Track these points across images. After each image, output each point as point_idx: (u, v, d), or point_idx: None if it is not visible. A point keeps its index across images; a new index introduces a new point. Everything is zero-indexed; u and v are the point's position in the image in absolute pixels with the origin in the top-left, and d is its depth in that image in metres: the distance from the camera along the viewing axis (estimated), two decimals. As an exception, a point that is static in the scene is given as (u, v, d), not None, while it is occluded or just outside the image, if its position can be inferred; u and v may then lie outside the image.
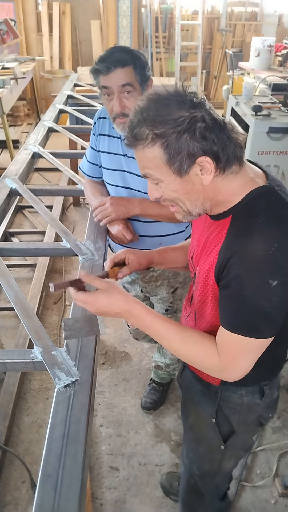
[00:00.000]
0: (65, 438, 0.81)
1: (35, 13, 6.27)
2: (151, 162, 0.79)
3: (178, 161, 0.76)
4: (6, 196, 1.75)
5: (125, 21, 6.23)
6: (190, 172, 0.78)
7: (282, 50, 5.13)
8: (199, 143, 0.75)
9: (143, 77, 1.31)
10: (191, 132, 0.75)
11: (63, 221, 3.58)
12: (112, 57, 1.26)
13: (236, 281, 0.78)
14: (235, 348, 0.84)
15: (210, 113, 0.77)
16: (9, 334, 2.42)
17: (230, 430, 1.09)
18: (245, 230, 0.78)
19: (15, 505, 1.63)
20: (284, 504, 1.67)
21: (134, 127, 0.78)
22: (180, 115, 0.75)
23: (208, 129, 0.75)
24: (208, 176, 0.78)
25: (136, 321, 0.92)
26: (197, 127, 0.75)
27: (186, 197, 0.83)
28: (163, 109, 0.76)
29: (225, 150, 0.78)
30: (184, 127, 0.74)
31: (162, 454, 1.85)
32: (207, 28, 6.82)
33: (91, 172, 1.60)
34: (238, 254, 0.78)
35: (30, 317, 1.12)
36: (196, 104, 0.76)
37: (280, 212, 0.79)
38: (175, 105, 0.76)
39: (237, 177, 0.82)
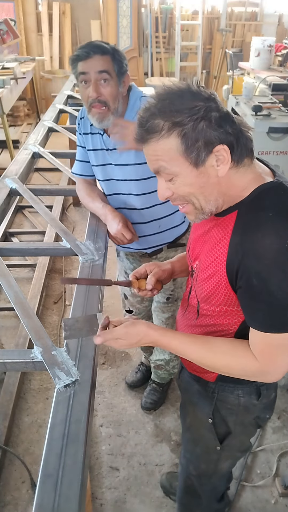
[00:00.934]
0: (65, 438, 0.81)
1: (35, 13, 6.27)
2: (166, 154, 0.77)
3: (196, 150, 0.75)
4: (6, 196, 1.75)
5: (125, 21, 6.23)
6: (207, 162, 0.77)
7: (282, 50, 5.12)
8: (216, 131, 0.75)
9: (121, 68, 1.33)
10: (208, 120, 0.74)
11: (63, 221, 3.58)
12: (92, 44, 1.30)
13: (258, 279, 0.76)
14: (272, 348, 0.81)
15: (222, 106, 0.77)
16: (9, 334, 2.42)
17: (226, 430, 1.08)
18: (256, 225, 0.76)
19: (15, 505, 1.63)
20: (284, 504, 1.67)
21: (147, 121, 0.77)
22: (195, 104, 0.74)
23: (222, 119, 0.75)
24: (224, 166, 0.77)
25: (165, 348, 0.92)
26: (213, 116, 0.75)
27: (201, 191, 0.81)
28: (177, 100, 0.75)
29: (239, 141, 0.78)
30: (200, 115, 0.74)
31: (162, 454, 1.85)
32: (207, 28, 6.82)
33: (82, 171, 1.62)
34: (253, 251, 0.76)
35: (30, 317, 1.12)
36: (208, 96, 0.76)
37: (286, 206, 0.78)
38: (189, 96, 0.75)
39: (248, 170, 0.82)
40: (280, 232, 0.74)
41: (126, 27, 6.26)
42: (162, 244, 1.66)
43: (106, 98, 1.32)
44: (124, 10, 6.16)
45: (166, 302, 1.76)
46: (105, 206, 1.52)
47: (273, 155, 3.10)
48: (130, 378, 2.17)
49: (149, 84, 5.98)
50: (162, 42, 6.68)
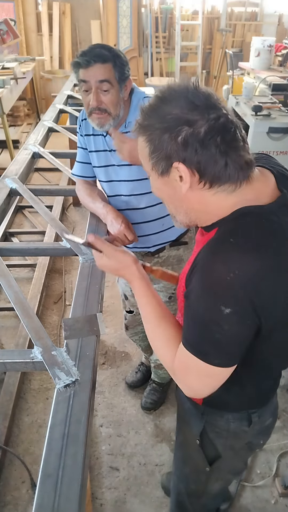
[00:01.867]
0: (65, 438, 0.81)
1: (35, 13, 6.27)
2: (141, 153, 0.77)
3: (156, 158, 0.73)
4: (6, 196, 1.75)
5: (125, 21, 6.23)
6: (170, 175, 0.73)
7: (282, 50, 5.12)
8: (178, 148, 0.70)
9: (122, 75, 1.32)
10: (174, 133, 0.69)
11: (63, 221, 3.58)
12: (93, 52, 1.27)
13: (193, 294, 0.74)
14: (185, 363, 0.79)
15: (213, 121, 0.69)
16: (9, 334, 2.42)
17: (215, 454, 1.04)
18: (215, 245, 0.73)
19: (15, 505, 1.63)
20: (284, 504, 1.67)
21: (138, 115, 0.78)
22: (170, 112, 0.70)
23: (193, 136, 0.68)
24: (185, 184, 0.72)
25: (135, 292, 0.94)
26: (183, 130, 0.68)
27: (170, 201, 0.80)
28: (161, 102, 0.72)
29: (211, 166, 0.70)
30: (168, 126, 0.70)
31: (162, 454, 1.85)
32: (207, 28, 6.82)
33: (83, 172, 1.61)
34: (200, 268, 0.73)
35: (30, 317, 1.12)
36: (196, 106, 0.69)
37: (258, 240, 0.70)
38: (172, 102, 0.71)
39: (231, 196, 0.74)
40: (229, 263, 0.68)
41: (126, 27, 6.26)
42: (165, 242, 1.65)
43: (106, 106, 1.32)
44: (124, 10, 6.16)
45: (168, 301, 1.76)
46: (106, 205, 1.52)
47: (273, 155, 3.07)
48: (130, 378, 2.17)
49: (149, 84, 5.99)
50: (162, 42, 6.68)
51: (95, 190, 1.61)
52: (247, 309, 0.69)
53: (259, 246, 0.69)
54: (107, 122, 1.35)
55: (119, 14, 6.18)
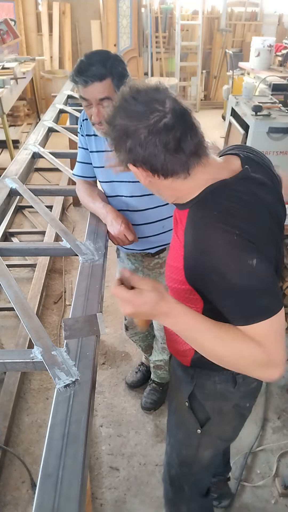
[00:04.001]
0: (65, 438, 0.81)
1: (35, 13, 6.27)
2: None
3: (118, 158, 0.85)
4: (6, 196, 1.75)
5: (125, 21, 6.23)
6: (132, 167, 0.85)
7: (282, 50, 5.12)
8: (126, 155, 0.82)
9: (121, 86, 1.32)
10: (120, 144, 0.82)
11: (63, 221, 3.58)
12: (90, 71, 1.25)
13: (217, 274, 0.79)
14: (271, 335, 0.79)
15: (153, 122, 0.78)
16: (9, 334, 2.42)
17: (206, 416, 1.10)
18: (204, 224, 0.82)
19: (15, 505, 1.63)
20: (284, 504, 1.67)
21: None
22: (118, 122, 0.81)
23: (135, 142, 0.80)
24: (142, 179, 0.86)
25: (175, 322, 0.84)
26: (127, 141, 0.81)
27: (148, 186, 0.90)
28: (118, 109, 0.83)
29: (156, 162, 0.81)
30: (116, 136, 0.82)
31: (162, 454, 1.84)
32: (207, 28, 6.82)
33: (83, 173, 1.62)
34: (206, 249, 0.79)
35: (30, 317, 1.12)
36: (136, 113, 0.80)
37: (229, 205, 0.82)
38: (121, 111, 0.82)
39: (186, 181, 0.85)
40: (226, 227, 0.78)
41: (126, 27, 6.26)
42: (165, 244, 1.65)
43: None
44: (124, 10, 6.16)
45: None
46: (106, 206, 1.52)
47: (273, 155, 3.10)
48: (130, 378, 2.17)
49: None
50: (162, 42, 6.68)
51: (95, 190, 1.61)
52: (260, 250, 0.79)
53: (238, 204, 0.82)
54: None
55: (119, 14, 6.18)
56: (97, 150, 1.51)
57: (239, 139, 3.21)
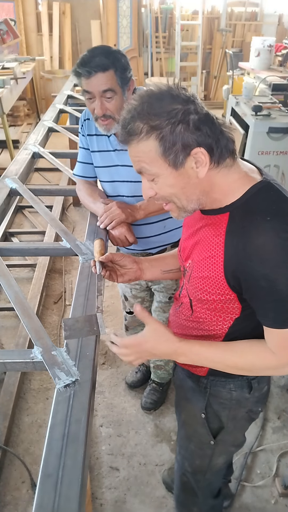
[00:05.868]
0: (65, 438, 0.81)
1: (35, 13, 6.27)
2: (146, 156, 0.79)
3: (173, 152, 0.77)
4: (6, 196, 1.75)
5: (125, 21, 6.23)
6: (186, 164, 0.79)
7: (282, 50, 5.13)
8: (194, 134, 0.76)
9: (124, 79, 1.32)
10: (185, 123, 0.76)
11: (63, 221, 3.58)
12: (93, 62, 1.26)
13: (266, 281, 0.78)
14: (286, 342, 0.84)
15: (202, 107, 0.79)
16: (9, 334, 2.42)
17: (219, 425, 1.10)
18: (255, 229, 0.78)
19: (15, 505, 1.63)
20: (284, 504, 1.67)
21: (128, 123, 0.79)
22: (173, 107, 0.76)
23: (201, 121, 0.77)
24: (203, 168, 0.79)
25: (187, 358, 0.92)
26: (191, 118, 0.76)
27: (182, 192, 0.83)
28: (156, 103, 0.77)
29: (218, 143, 0.79)
30: (178, 119, 0.76)
31: (162, 454, 1.85)
32: (207, 28, 6.82)
33: (84, 172, 1.61)
34: (257, 255, 0.78)
35: (30, 317, 1.12)
36: (187, 98, 0.78)
37: (282, 206, 0.80)
38: (168, 99, 0.77)
39: (231, 171, 0.83)
40: (280, 234, 0.76)
41: (126, 27, 6.26)
42: (166, 244, 1.65)
43: (111, 112, 1.34)
44: (124, 10, 6.16)
45: (168, 302, 1.76)
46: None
47: (273, 155, 3.09)
48: (130, 378, 2.17)
49: (149, 84, 5.98)
50: (162, 42, 6.68)
51: (96, 190, 1.61)
52: None
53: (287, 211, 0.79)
54: (112, 127, 1.38)
55: (119, 14, 6.18)
56: (99, 150, 1.51)
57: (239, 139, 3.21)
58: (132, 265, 1.13)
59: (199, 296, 0.94)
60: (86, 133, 1.52)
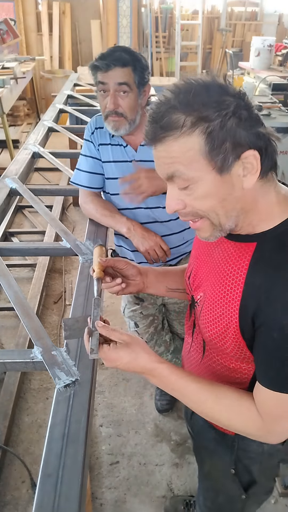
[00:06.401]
0: (65, 438, 0.81)
1: (35, 13, 6.27)
2: (185, 156, 0.64)
3: (222, 152, 0.62)
4: (6, 196, 1.75)
5: (125, 21, 6.23)
6: (233, 169, 0.64)
7: (282, 50, 5.13)
8: (247, 132, 0.63)
9: (142, 79, 1.30)
10: (237, 118, 0.62)
11: (63, 221, 3.58)
12: (113, 56, 1.26)
13: (281, 333, 0.66)
14: (281, 409, 0.71)
15: (253, 106, 0.65)
16: (9, 334, 2.42)
17: (251, 479, 0.98)
18: (285, 271, 0.66)
19: (15, 505, 1.63)
20: (284, 504, 1.67)
21: (162, 116, 0.63)
22: (224, 98, 0.62)
23: (253, 119, 0.64)
24: (252, 176, 0.65)
25: (159, 382, 0.79)
26: (243, 114, 0.62)
27: (222, 205, 0.67)
28: (202, 92, 0.62)
29: (267, 150, 0.65)
30: (231, 111, 0.61)
31: (162, 454, 1.85)
32: (207, 28, 6.82)
33: (91, 183, 1.50)
34: (281, 302, 0.65)
35: (30, 317, 1.12)
36: (238, 92, 0.64)
37: None
38: (216, 90, 0.63)
39: (271, 189, 0.70)
40: None
41: (126, 26, 6.26)
42: (183, 254, 1.60)
43: (123, 110, 1.30)
44: (124, 9, 6.16)
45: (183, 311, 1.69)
46: (129, 219, 1.44)
47: (273, 155, 3.09)
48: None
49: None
50: (162, 42, 6.68)
51: (108, 203, 1.51)
52: None
53: None
54: (122, 126, 1.33)
55: (119, 13, 6.18)
56: (115, 160, 1.43)
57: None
58: (136, 276, 0.98)
59: (211, 340, 0.81)
60: (98, 143, 1.45)
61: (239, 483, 0.98)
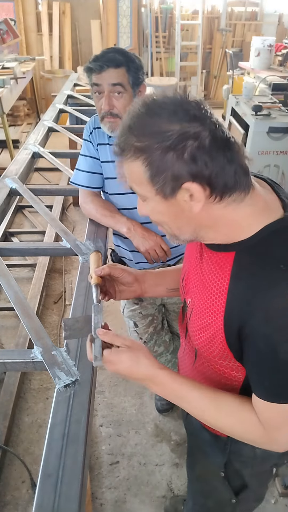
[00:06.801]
0: (65, 438, 0.81)
1: (35, 13, 6.27)
2: (135, 177, 0.68)
3: (161, 181, 0.65)
4: (6, 196, 1.75)
5: (125, 21, 6.23)
6: (177, 196, 0.66)
7: (282, 50, 5.13)
8: (187, 166, 0.63)
9: (136, 80, 1.31)
10: (179, 150, 0.62)
11: (63, 221, 3.58)
12: (106, 57, 1.26)
13: (267, 344, 0.66)
14: (281, 418, 0.71)
15: (212, 129, 0.64)
16: (9, 334, 2.42)
17: (242, 483, 0.97)
18: (265, 280, 0.66)
19: (15, 505, 1.63)
20: (284, 504, 1.67)
21: (122, 134, 0.68)
22: (169, 128, 0.62)
23: (200, 149, 0.62)
24: (197, 204, 0.66)
25: (161, 390, 0.79)
26: (187, 145, 0.62)
27: (174, 222, 0.71)
28: (152, 118, 0.64)
29: (222, 176, 0.65)
30: (170, 144, 0.62)
31: (162, 454, 1.85)
32: (207, 28, 6.82)
33: (91, 183, 1.51)
34: (262, 311, 0.65)
35: (30, 317, 1.12)
36: (194, 116, 0.63)
37: None
38: (166, 115, 0.63)
39: (242, 205, 0.69)
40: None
41: (126, 26, 6.26)
42: (181, 254, 1.60)
43: (118, 111, 1.31)
44: (124, 9, 6.15)
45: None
46: (130, 219, 1.44)
47: (273, 155, 3.10)
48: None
49: (149, 84, 5.98)
50: (162, 42, 6.68)
51: (108, 203, 1.52)
52: None
53: None
54: (118, 127, 1.33)
55: (119, 13, 6.17)
56: (113, 160, 1.43)
57: (239, 139, 3.21)
58: (132, 283, 0.98)
59: (200, 347, 0.82)
60: (97, 142, 1.46)
61: (229, 486, 0.97)
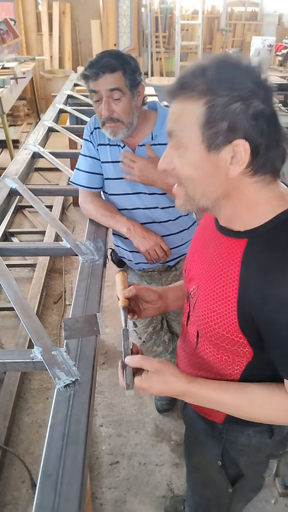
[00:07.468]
0: (65, 438, 0.81)
1: (35, 13, 6.27)
2: (185, 118, 0.66)
3: (215, 129, 0.63)
4: (6, 196, 1.75)
5: (125, 21, 6.23)
6: (221, 152, 0.64)
7: (282, 50, 5.13)
8: (247, 121, 0.62)
9: (133, 82, 1.30)
10: (245, 104, 0.62)
11: (63, 221, 3.58)
12: (101, 63, 1.25)
13: (287, 330, 0.67)
14: None
15: (274, 104, 0.66)
16: (9, 334, 2.42)
17: (238, 473, 0.99)
18: (279, 268, 0.66)
19: (15, 505, 1.63)
20: (284, 504, 1.67)
21: (186, 75, 0.66)
22: (243, 81, 0.63)
23: (262, 115, 0.63)
24: (237, 167, 0.65)
25: (194, 401, 0.82)
26: (254, 104, 0.62)
27: (202, 182, 0.69)
28: (227, 69, 0.64)
29: (268, 151, 0.65)
30: (241, 95, 0.62)
31: (162, 454, 1.85)
32: (207, 28, 6.82)
33: (90, 183, 1.51)
34: (278, 300, 0.66)
35: (30, 317, 1.12)
36: (264, 84, 0.64)
37: None
38: (243, 72, 0.64)
39: (265, 189, 0.69)
40: None
41: (126, 26, 6.26)
42: (183, 254, 1.59)
43: (118, 115, 1.30)
44: (124, 9, 6.15)
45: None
46: (130, 219, 1.45)
47: (273, 155, 3.10)
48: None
49: (149, 84, 5.98)
50: (162, 42, 6.68)
51: (108, 203, 1.51)
52: None
53: None
54: (120, 131, 1.33)
55: (119, 13, 6.17)
56: (113, 161, 1.43)
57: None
58: (157, 301, 1.00)
59: (205, 332, 0.82)
60: (98, 143, 1.45)
61: (226, 475, 0.99)
